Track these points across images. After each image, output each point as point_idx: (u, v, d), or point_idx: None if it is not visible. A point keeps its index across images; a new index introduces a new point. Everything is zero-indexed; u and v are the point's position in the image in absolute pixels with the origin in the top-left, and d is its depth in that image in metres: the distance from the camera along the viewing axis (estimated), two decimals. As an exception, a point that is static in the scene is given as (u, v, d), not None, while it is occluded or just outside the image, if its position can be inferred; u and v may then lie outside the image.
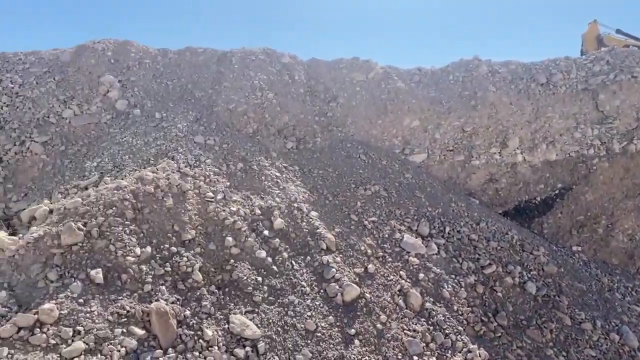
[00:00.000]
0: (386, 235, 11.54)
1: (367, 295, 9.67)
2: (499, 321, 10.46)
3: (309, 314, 8.96)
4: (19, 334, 7.06)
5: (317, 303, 9.25)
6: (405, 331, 9.39)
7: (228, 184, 11.40)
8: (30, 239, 8.61)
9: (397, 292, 10.11)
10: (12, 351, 6.80)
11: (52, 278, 8.01)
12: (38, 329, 7.12)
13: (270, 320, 8.66)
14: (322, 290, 9.57)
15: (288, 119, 14.49)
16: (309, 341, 8.48)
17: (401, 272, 10.66)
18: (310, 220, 11.01)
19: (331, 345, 8.57)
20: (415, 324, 9.62)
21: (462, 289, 10.80)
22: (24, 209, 10.16)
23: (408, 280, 10.51)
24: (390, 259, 10.88)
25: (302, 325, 8.71)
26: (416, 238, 11.71)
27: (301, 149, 13.95)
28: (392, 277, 10.40)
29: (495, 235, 12.90)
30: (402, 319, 9.64)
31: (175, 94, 14.31)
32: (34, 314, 7.27)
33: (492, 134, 15.88)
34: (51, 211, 9.64)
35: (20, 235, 9.20)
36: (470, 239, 12.44)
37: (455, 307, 10.30)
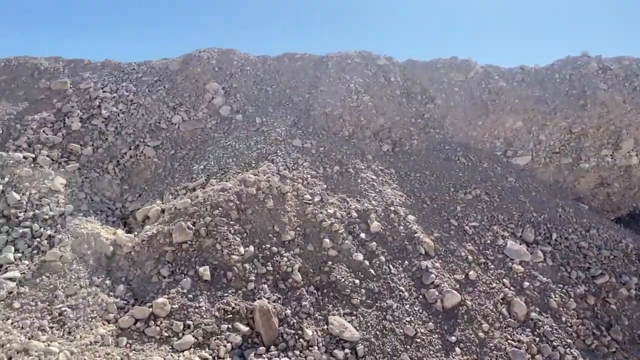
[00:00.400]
0: (488, 241, 11.11)
1: (469, 302, 9.37)
2: (613, 335, 9.70)
3: (407, 319, 8.84)
4: (136, 325, 7.62)
5: (416, 308, 9.10)
6: (509, 341, 8.98)
7: (325, 186, 11.54)
8: (144, 236, 9.27)
9: (500, 301, 9.70)
10: (130, 341, 7.34)
11: (164, 274, 8.56)
12: (152, 322, 7.64)
13: (369, 324, 8.64)
14: (420, 296, 9.41)
15: (384, 122, 14.42)
16: (409, 346, 8.37)
17: (504, 279, 10.21)
18: (408, 224, 10.87)
19: (431, 352, 8.39)
20: (520, 334, 9.17)
21: (571, 299, 10.14)
22: (139, 209, 10.92)
23: (512, 288, 10.05)
24: (492, 266, 10.46)
25: (401, 330, 8.60)
26: (520, 245, 11.17)
27: (397, 152, 13.82)
28: (494, 284, 10.00)
29: (607, 243, 11.99)
30: (505, 328, 9.24)
31: (274, 99, 14.74)
32: (149, 307, 7.81)
33: (604, 135, 14.80)
34: (163, 211, 10.29)
35: (136, 233, 9.93)
36: (579, 246, 11.66)
37: (563, 319, 9.69)
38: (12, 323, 7.42)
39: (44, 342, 7.01)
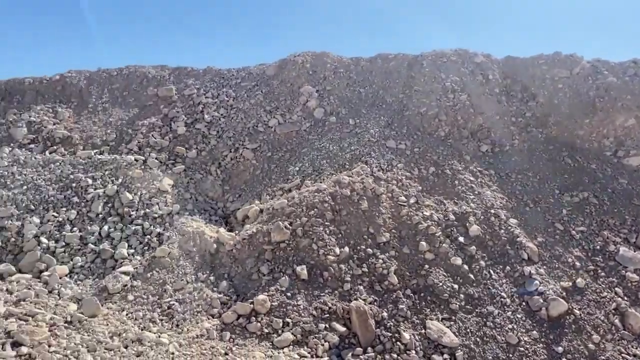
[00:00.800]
0: (598, 247, 10.35)
1: (577, 311, 8.78)
2: None
3: (510, 326, 8.45)
4: (238, 320, 7.93)
5: (519, 316, 8.68)
6: (623, 355, 8.30)
7: (420, 188, 11.34)
8: (245, 235, 9.63)
9: (613, 311, 8.99)
10: (233, 336, 7.64)
11: (264, 272, 8.83)
12: (254, 318, 7.90)
13: (468, 330, 8.37)
14: (523, 303, 8.96)
15: (482, 121, 13.89)
16: (511, 355, 7.99)
17: (617, 288, 9.46)
18: (509, 227, 10.40)
19: (536, 363, 7.97)
20: (636, 348, 8.45)
21: (698, 314, 9.20)
22: (239, 209, 11.36)
23: (626, 298, 9.28)
24: (603, 274, 9.73)
25: (503, 338, 8.25)
26: (635, 251, 10.28)
27: (497, 152, 13.26)
28: (605, 293, 9.29)
29: None
30: (619, 340, 8.55)
31: (367, 101, 14.72)
32: (250, 304, 8.08)
33: None
34: (261, 211, 10.62)
35: (237, 231, 10.33)
36: None
37: (688, 335, 8.81)
38: (126, 314, 8.00)
39: (154, 333, 7.48)
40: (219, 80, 15.83)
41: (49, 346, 6.47)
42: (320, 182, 11.03)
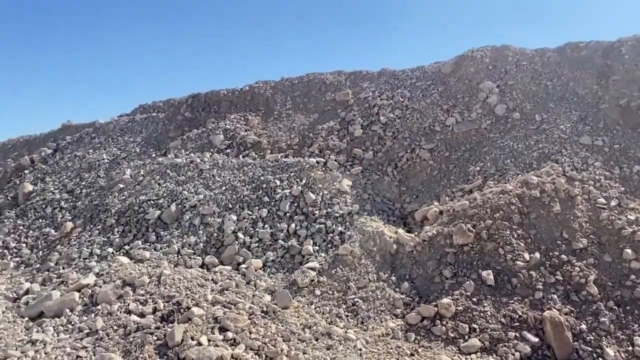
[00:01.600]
0: None
1: None
2: None
3: None
4: (422, 322, 7.82)
5: None
6: None
7: (622, 189, 10.09)
8: (425, 237, 9.49)
9: None
10: (418, 337, 7.55)
11: (446, 275, 8.60)
12: (438, 321, 7.72)
13: (691, 353, 7.19)
14: None
15: (700, 112, 11.90)
16: None
17: None
18: None
19: None
20: None
21: None
22: (417, 210, 11.24)
23: None
24: None
25: None
26: None
27: None
28: None
29: None
30: None
31: (555, 94, 13.54)
32: (434, 307, 7.91)
33: None
34: (441, 212, 10.37)
35: (416, 233, 10.23)
36: None
37: None
38: (315, 308, 8.39)
39: (341, 328, 7.72)
40: (394, 82, 15.90)
41: (250, 333, 7.05)
42: (505, 183, 10.42)
